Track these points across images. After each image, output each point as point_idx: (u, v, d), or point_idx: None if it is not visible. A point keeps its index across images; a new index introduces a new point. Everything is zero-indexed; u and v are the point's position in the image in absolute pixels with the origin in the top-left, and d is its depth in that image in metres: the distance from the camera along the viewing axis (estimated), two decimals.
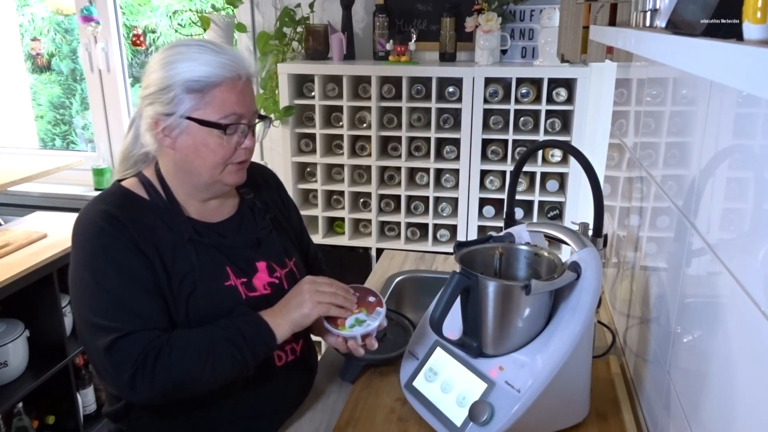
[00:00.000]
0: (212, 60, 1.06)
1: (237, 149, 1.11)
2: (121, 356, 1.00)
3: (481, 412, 1.01)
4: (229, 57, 1.08)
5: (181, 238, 1.11)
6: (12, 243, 2.13)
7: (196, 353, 1.03)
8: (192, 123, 1.07)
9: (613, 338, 1.40)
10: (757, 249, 0.63)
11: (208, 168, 1.11)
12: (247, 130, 1.12)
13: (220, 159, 1.10)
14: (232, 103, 1.08)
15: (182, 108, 1.06)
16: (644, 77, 1.30)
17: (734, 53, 0.47)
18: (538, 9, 2.37)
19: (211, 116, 1.07)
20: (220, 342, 1.04)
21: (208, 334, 1.05)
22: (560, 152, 2.33)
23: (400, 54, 2.39)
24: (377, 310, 1.15)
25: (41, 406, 2.24)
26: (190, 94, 1.06)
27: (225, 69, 1.07)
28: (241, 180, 1.16)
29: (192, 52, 1.07)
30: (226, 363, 1.04)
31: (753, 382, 0.63)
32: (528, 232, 1.19)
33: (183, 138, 1.09)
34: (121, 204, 1.11)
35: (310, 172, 2.56)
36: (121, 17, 2.95)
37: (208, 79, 1.06)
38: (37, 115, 3.67)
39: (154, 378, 1.00)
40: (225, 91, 1.07)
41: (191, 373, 1.03)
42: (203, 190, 1.15)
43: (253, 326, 1.07)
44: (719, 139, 0.78)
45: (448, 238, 2.51)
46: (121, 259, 1.05)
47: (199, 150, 1.09)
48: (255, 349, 1.06)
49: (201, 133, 1.08)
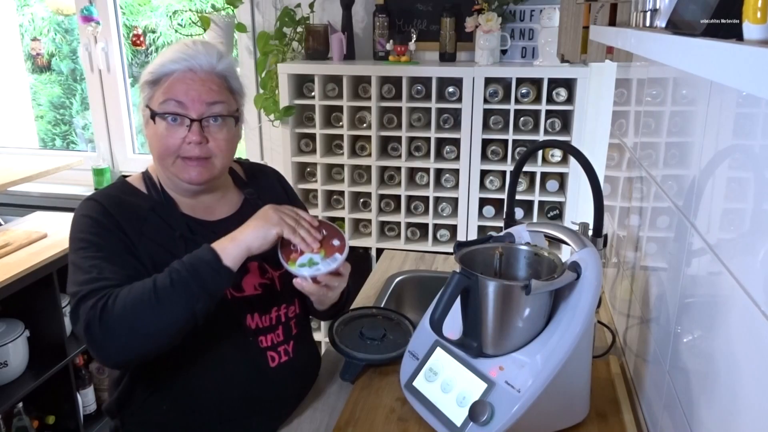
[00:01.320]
0: (173, 55, 1.11)
1: (183, 143, 1.11)
2: (78, 315, 1.00)
3: (481, 412, 1.01)
4: (190, 51, 1.12)
5: (172, 232, 1.12)
6: (12, 243, 2.13)
7: (139, 292, 0.99)
8: (148, 113, 1.12)
9: (613, 338, 1.40)
10: (757, 249, 0.63)
11: (158, 160, 1.14)
12: (190, 123, 1.10)
13: (164, 150, 1.11)
14: (175, 92, 1.10)
15: (143, 99, 1.13)
16: (644, 77, 1.30)
17: (734, 53, 0.47)
18: (538, 9, 2.37)
19: (155, 105, 1.11)
20: (162, 276, 1.00)
21: (151, 277, 1.02)
22: (560, 152, 2.33)
23: (400, 54, 2.39)
24: (335, 255, 1.09)
25: (41, 406, 2.24)
26: (148, 85, 1.12)
27: (178, 62, 1.11)
28: (200, 179, 1.13)
29: (168, 48, 1.14)
30: (173, 295, 0.98)
31: (753, 382, 0.63)
32: (528, 232, 1.19)
33: (146, 129, 1.15)
34: (115, 195, 1.14)
35: (310, 172, 2.56)
36: (121, 17, 2.95)
37: (160, 70, 1.11)
38: (37, 115, 3.67)
39: (104, 327, 0.97)
40: (173, 82, 1.10)
41: (138, 313, 0.97)
42: (176, 185, 1.17)
43: (195, 253, 1.03)
44: (719, 139, 0.78)
45: (448, 238, 2.51)
46: (99, 237, 1.07)
47: (151, 141, 1.14)
48: (198, 272, 1.00)
49: (151, 124, 1.12)
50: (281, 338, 1.19)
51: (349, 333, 1.36)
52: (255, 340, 1.16)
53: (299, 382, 1.25)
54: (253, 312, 1.16)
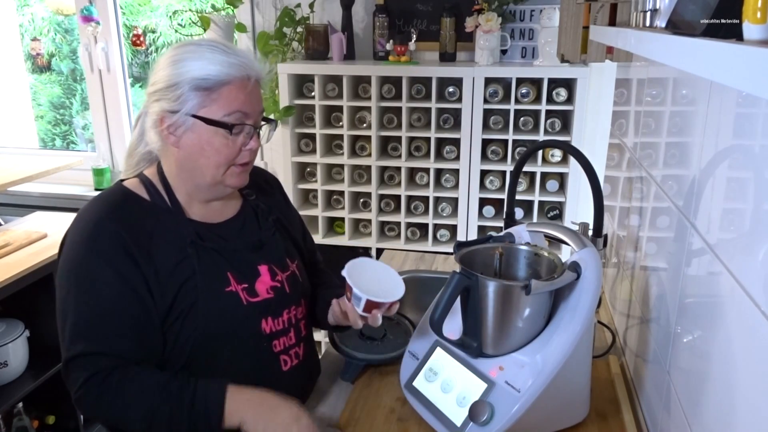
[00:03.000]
0: (222, 59, 1.06)
1: (241, 150, 1.11)
2: (75, 375, 1.06)
3: (481, 412, 1.01)
4: (240, 58, 1.08)
5: (183, 241, 1.09)
6: (12, 243, 2.13)
7: (137, 407, 1.03)
8: (197, 121, 1.07)
9: (613, 338, 1.40)
10: (757, 249, 0.63)
11: (212, 168, 1.10)
12: (252, 132, 1.11)
13: (224, 159, 1.10)
14: (239, 103, 1.07)
15: (188, 105, 1.06)
16: (644, 77, 1.30)
17: (734, 53, 0.47)
18: (538, 9, 2.37)
19: (216, 114, 1.07)
20: (164, 404, 1.02)
21: (155, 393, 1.03)
22: (560, 152, 2.33)
23: (400, 54, 2.39)
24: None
25: (41, 406, 2.24)
26: (197, 91, 1.06)
27: (234, 69, 1.06)
28: (243, 183, 1.15)
29: (203, 50, 1.07)
30: (162, 424, 1.02)
31: (753, 382, 0.63)
32: (528, 232, 1.19)
33: (188, 136, 1.08)
34: (120, 206, 1.10)
35: (310, 172, 2.56)
36: (121, 17, 2.95)
37: (217, 77, 1.05)
38: (37, 115, 3.67)
39: (91, 412, 1.07)
40: (233, 91, 1.07)
41: (125, 423, 1.05)
42: (205, 191, 1.14)
43: (207, 409, 1.01)
44: (719, 139, 0.78)
45: (448, 238, 2.51)
46: (104, 276, 1.05)
47: (204, 149, 1.09)
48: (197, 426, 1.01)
49: (206, 132, 1.07)
50: (293, 341, 1.19)
51: (349, 333, 1.36)
52: (269, 346, 1.15)
53: (307, 384, 1.26)
54: (267, 316, 1.15)
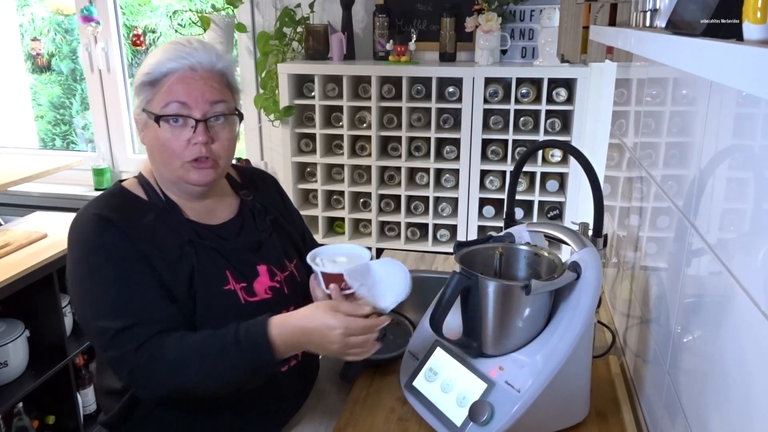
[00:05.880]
0: (168, 53, 1.06)
1: (189, 145, 1.07)
2: (118, 353, 1.01)
3: (481, 412, 1.01)
4: (187, 49, 1.07)
5: (182, 239, 1.09)
6: (12, 243, 2.13)
7: (190, 361, 1.00)
8: (147, 115, 1.07)
9: (613, 338, 1.40)
10: (757, 249, 0.63)
11: (165, 164, 1.09)
12: (195, 124, 1.06)
13: (170, 154, 1.07)
14: (177, 93, 1.05)
15: (142, 101, 1.07)
16: (644, 77, 1.30)
17: (734, 53, 0.47)
18: (538, 9, 2.37)
19: (155, 108, 1.06)
20: (216, 354, 1.00)
21: (203, 344, 1.01)
22: (560, 152, 2.33)
23: (400, 54, 2.39)
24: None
25: (41, 406, 2.23)
26: (144, 86, 1.06)
27: (176, 61, 1.05)
28: (206, 179, 1.10)
29: (160, 47, 1.08)
30: (223, 375, 1.02)
31: (753, 382, 0.63)
32: (528, 232, 1.19)
33: (146, 132, 1.09)
34: (119, 206, 1.10)
35: (310, 172, 2.56)
36: (121, 17, 2.95)
37: (158, 69, 1.05)
38: (37, 115, 3.67)
39: (148, 383, 1.01)
40: (174, 82, 1.05)
41: (185, 383, 1.01)
42: (180, 188, 1.13)
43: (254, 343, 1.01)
44: (719, 139, 0.78)
45: (448, 238, 2.51)
46: (116, 255, 1.04)
47: (154, 145, 1.08)
48: (256, 368, 1.02)
49: (153, 127, 1.07)
50: None
51: None
52: None
53: (306, 384, 1.26)
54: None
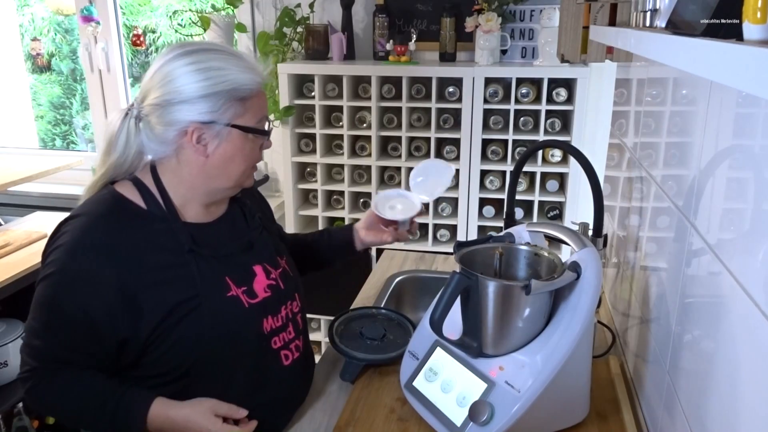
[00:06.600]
0: (248, 67, 1.08)
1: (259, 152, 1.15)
2: (24, 360, 1.11)
3: (481, 412, 1.01)
4: (257, 64, 1.11)
5: (180, 248, 1.08)
6: (12, 243, 2.13)
7: (68, 402, 1.09)
8: (233, 130, 1.07)
9: (613, 338, 1.40)
10: (757, 249, 0.63)
11: (240, 174, 1.12)
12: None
13: (251, 163, 1.13)
14: (263, 107, 1.12)
15: (227, 116, 1.05)
16: (644, 77, 1.30)
17: (734, 53, 0.47)
18: (538, 9, 2.37)
19: (250, 122, 1.09)
20: (93, 409, 1.07)
21: (88, 395, 1.07)
22: (560, 152, 2.33)
23: (400, 54, 2.39)
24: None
25: None
26: (235, 101, 1.06)
27: (259, 76, 1.10)
28: (253, 180, 1.20)
29: (231, 62, 1.07)
30: (88, 427, 1.14)
31: (753, 382, 0.63)
32: (528, 232, 1.19)
33: (223, 146, 1.08)
34: (110, 214, 1.07)
35: (310, 172, 2.56)
36: (121, 17, 2.95)
37: (251, 86, 1.07)
38: (37, 115, 3.67)
39: (33, 405, 1.14)
40: (260, 97, 1.11)
41: (59, 417, 1.15)
42: (214, 195, 1.14)
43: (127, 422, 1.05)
44: (719, 139, 0.78)
45: (448, 238, 2.51)
46: (71, 309, 1.03)
47: (235, 157, 1.10)
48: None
49: (240, 140, 1.09)
50: (292, 335, 1.19)
51: (349, 333, 1.36)
52: (268, 344, 1.15)
53: (308, 376, 1.27)
54: (267, 315, 1.15)
